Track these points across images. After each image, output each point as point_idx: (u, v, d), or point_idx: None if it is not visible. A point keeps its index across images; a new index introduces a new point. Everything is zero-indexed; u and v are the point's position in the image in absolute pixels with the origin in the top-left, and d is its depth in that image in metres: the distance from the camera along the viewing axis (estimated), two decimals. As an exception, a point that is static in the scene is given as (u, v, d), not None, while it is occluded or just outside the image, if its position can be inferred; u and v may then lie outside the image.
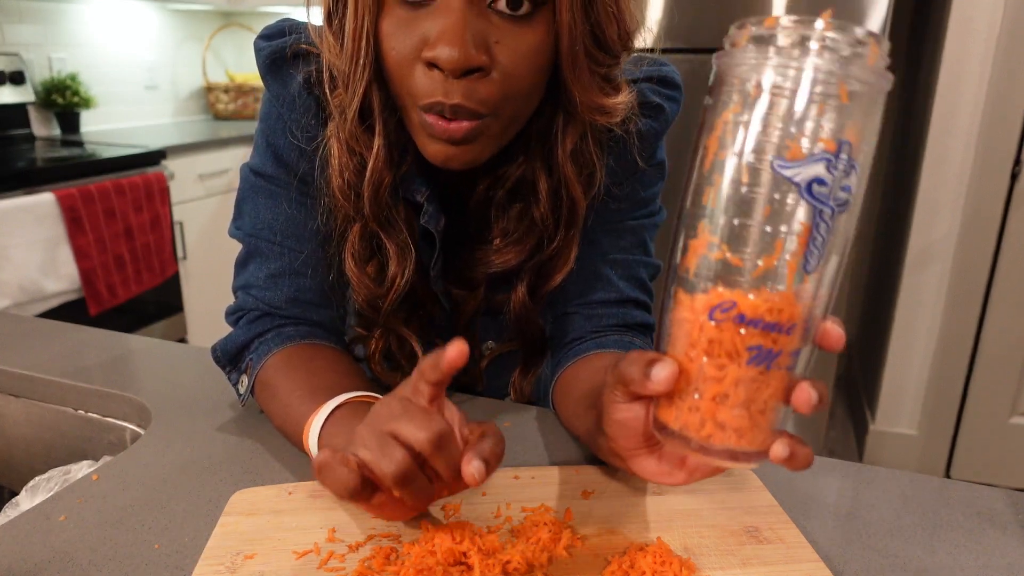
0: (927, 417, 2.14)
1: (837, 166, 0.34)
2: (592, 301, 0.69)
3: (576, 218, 0.62)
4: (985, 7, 1.82)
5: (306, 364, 0.61)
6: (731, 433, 0.38)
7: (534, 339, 0.70)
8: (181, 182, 2.33)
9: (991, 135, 1.88)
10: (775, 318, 0.36)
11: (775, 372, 0.37)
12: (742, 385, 0.37)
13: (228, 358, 0.66)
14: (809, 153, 0.34)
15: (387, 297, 0.62)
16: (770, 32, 0.34)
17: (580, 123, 0.58)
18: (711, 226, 0.36)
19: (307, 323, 0.66)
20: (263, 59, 0.61)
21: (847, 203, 0.35)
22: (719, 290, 0.36)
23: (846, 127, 0.34)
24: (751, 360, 0.36)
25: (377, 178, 0.58)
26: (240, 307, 0.66)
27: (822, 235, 0.35)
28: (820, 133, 0.34)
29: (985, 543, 0.51)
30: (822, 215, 0.35)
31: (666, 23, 1.97)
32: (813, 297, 0.36)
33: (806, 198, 0.34)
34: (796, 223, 0.35)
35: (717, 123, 0.36)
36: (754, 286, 0.36)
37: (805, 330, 0.37)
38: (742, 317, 0.36)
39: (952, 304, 2.03)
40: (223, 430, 0.64)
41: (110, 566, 0.47)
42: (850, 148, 0.34)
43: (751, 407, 0.37)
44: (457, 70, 0.49)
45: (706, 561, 0.47)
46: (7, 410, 0.77)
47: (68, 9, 2.55)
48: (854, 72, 0.34)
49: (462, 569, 0.44)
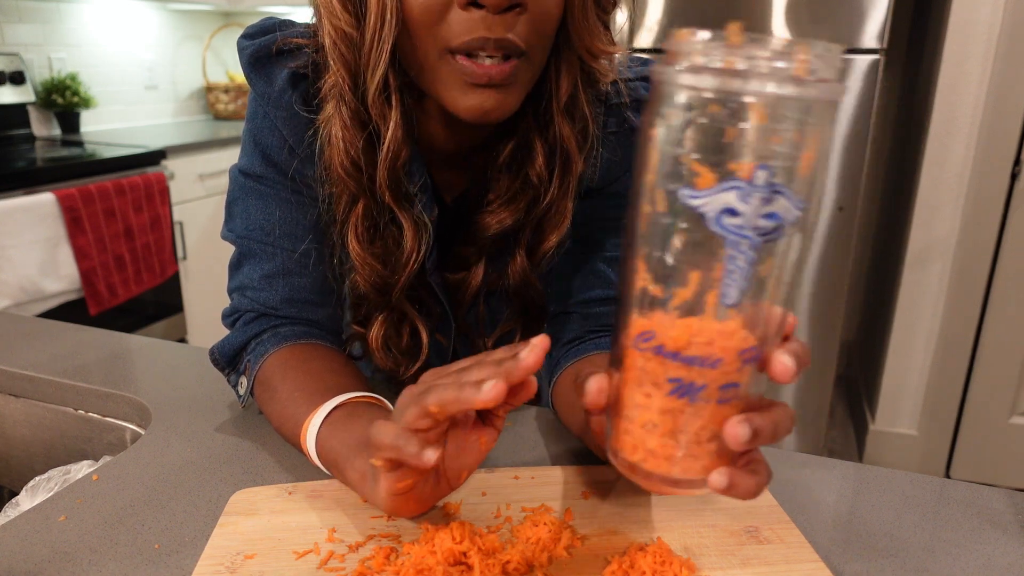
0: (927, 417, 2.14)
1: (752, 194, 0.31)
2: (590, 300, 0.69)
3: (571, 172, 0.62)
4: (985, 7, 1.82)
5: (302, 364, 0.61)
6: (662, 460, 0.37)
7: (534, 308, 0.69)
8: (181, 182, 2.33)
9: (991, 135, 1.88)
10: (697, 352, 0.34)
11: (703, 405, 0.35)
12: (668, 415, 0.36)
13: (226, 360, 0.66)
14: (718, 181, 0.31)
15: (403, 272, 0.62)
16: (689, 47, 0.32)
17: (575, 71, 0.58)
18: (637, 252, 0.35)
19: (304, 322, 0.66)
20: (247, 58, 0.61)
21: (776, 230, 0.32)
22: (642, 319, 0.35)
23: (769, 149, 0.31)
24: (672, 392, 0.35)
25: (395, 151, 0.57)
26: (236, 309, 0.66)
27: (739, 267, 0.32)
28: (734, 158, 0.31)
29: (985, 543, 0.51)
30: (738, 247, 0.32)
31: (666, 23, 1.97)
32: (746, 328, 0.34)
33: (716, 229, 0.32)
34: (710, 255, 0.32)
35: (643, 140, 0.34)
36: (674, 318, 0.34)
37: (741, 362, 0.35)
38: (661, 348, 0.34)
39: (952, 304, 2.03)
40: (223, 430, 0.64)
41: (110, 566, 0.47)
42: (771, 173, 0.31)
43: (679, 437, 0.36)
44: (500, 5, 0.49)
45: (706, 561, 0.47)
46: (7, 410, 0.77)
47: (68, 9, 2.55)
48: (774, 88, 0.30)
49: (462, 569, 0.44)
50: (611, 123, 0.63)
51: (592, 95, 0.61)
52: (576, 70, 0.58)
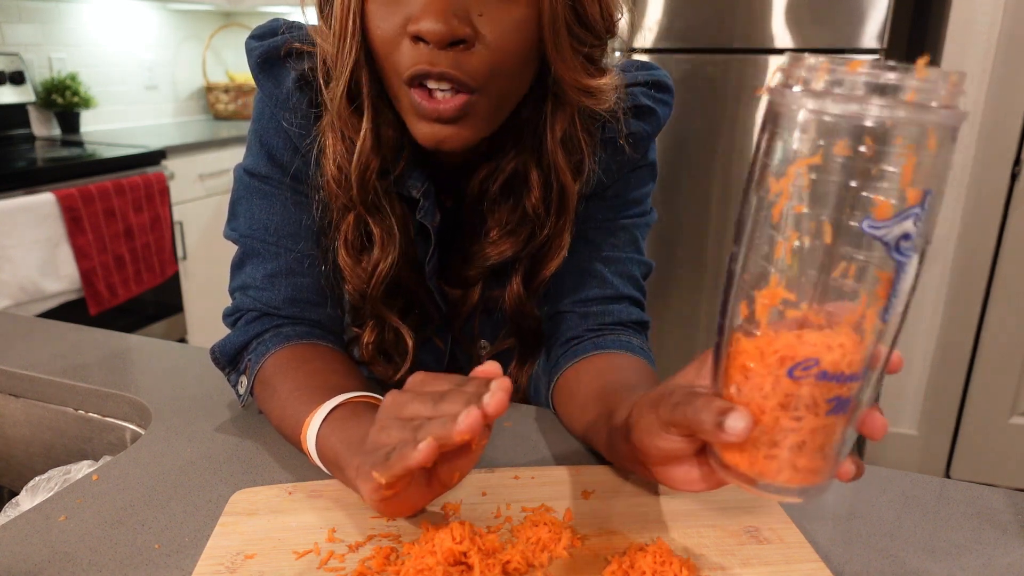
0: (927, 417, 2.14)
1: (923, 217, 0.33)
2: (587, 299, 0.69)
3: (567, 206, 0.62)
4: (985, 7, 1.82)
5: (304, 364, 0.61)
6: (807, 474, 0.38)
7: (530, 331, 0.70)
8: (181, 182, 2.33)
9: (991, 135, 1.88)
10: (853, 369, 0.36)
11: (847, 414, 0.37)
12: (819, 432, 0.37)
13: (227, 359, 0.66)
14: (898, 211, 0.33)
15: (370, 282, 0.63)
16: (842, 76, 0.32)
17: (569, 109, 0.59)
18: (786, 281, 0.35)
19: (305, 323, 0.66)
20: (255, 59, 0.61)
21: (926, 248, 0.34)
22: (797, 347, 0.36)
23: (931, 174, 0.32)
24: (830, 411, 0.36)
25: (364, 161, 0.58)
26: (237, 308, 0.66)
27: (903, 286, 0.34)
28: (909, 187, 0.32)
29: (985, 543, 0.51)
30: (904, 267, 0.34)
31: (666, 23, 1.97)
32: (888, 338, 0.36)
33: (894, 256, 0.33)
34: (880, 278, 0.34)
35: (789, 170, 0.34)
36: (835, 342, 0.35)
37: (878, 369, 0.37)
38: (824, 374, 0.35)
39: (952, 304, 2.03)
40: (223, 430, 0.64)
41: (110, 566, 0.47)
42: (933, 196, 0.33)
43: (826, 449, 0.37)
44: (441, 41, 0.49)
45: (706, 561, 0.47)
46: (7, 410, 0.77)
47: (68, 9, 2.55)
48: (935, 117, 0.32)
49: (462, 569, 0.44)
50: (608, 129, 0.63)
51: (588, 123, 0.61)
52: (569, 105, 0.59)
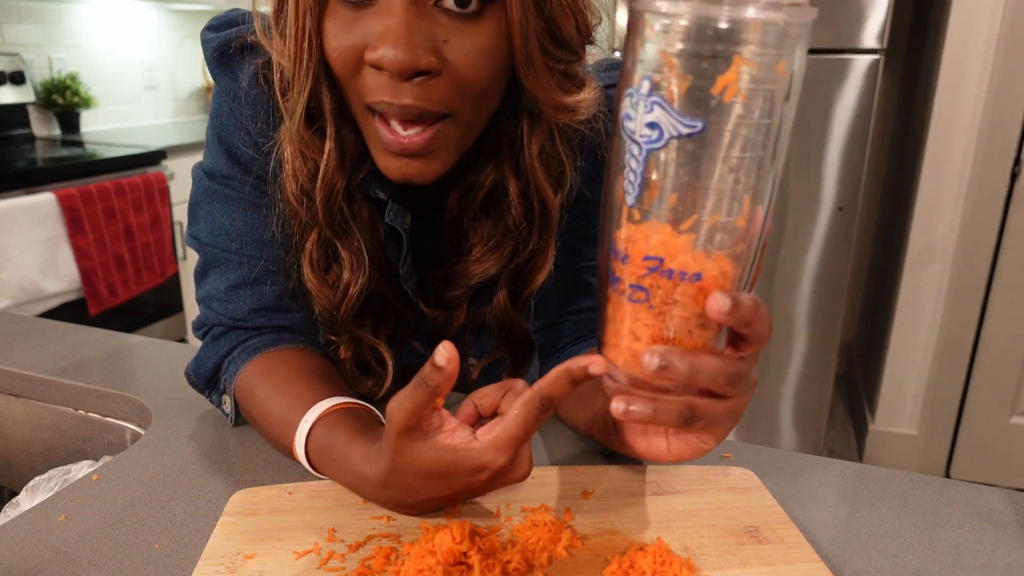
0: (927, 417, 2.14)
1: (637, 102, 0.35)
2: (579, 309, 0.68)
3: (550, 220, 0.60)
4: (985, 7, 1.82)
5: (269, 379, 0.59)
6: (628, 356, 0.40)
7: (520, 343, 0.67)
8: (181, 182, 2.33)
9: (991, 135, 1.88)
10: (618, 246, 0.39)
11: (614, 296, 0.39)
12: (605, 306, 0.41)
13: (204, 381, 0.64)
14: (631, 84, 0.35)
15: (341, 306, 0.60)
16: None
17: (545, 124, 0.56)
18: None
19: (272, 330, 0.64)
20: (210, 52, 0.58)
21: (658, 140, 0.35)
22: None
23: (648, 60, 0.34)
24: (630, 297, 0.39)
25: (329, 183, 0.55)
26: (203, 322, 0.64)
27: (634, 170, 0.36)
28: (637, 67, 0.35)
29: (985, 543, 0.51)
30: (632, 151, 0.36)
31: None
32: (653, 236, 0.37)
33: (622, 133, 0.36)
34: (627, 158, 0.37)
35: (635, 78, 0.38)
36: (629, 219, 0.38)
37: (646, 268, 0.38)
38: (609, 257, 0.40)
39: (952, 304, 2.03)
40: (223, 430, 0.64)
41: (110, 566, 0.47)
42: (651, 83, 0.34)
43: (639, 334, 0.39)
44: (402, 72, 0.46)
45: (706, 561, 0.47)
46: (7, 410, 0.77)
47: (68, 9, 2.55)
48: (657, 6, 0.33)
49: (462, 569, 0.44)
50: (588, 136, 0.61)
51: (568, 132, 0.59)
52: (546, 124, 0.56)
